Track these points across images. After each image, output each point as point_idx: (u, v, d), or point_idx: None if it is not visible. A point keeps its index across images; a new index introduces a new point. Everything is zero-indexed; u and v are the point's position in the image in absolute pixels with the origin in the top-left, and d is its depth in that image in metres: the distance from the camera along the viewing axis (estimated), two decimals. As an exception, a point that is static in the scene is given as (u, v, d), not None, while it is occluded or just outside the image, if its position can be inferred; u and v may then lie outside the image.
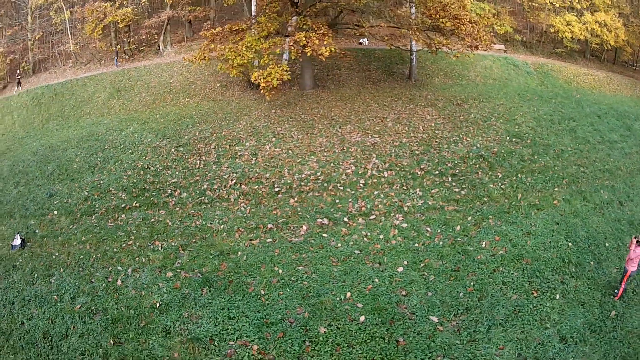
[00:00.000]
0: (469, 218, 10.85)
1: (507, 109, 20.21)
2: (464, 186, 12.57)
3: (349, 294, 7.92)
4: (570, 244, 9.96)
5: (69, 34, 25.58)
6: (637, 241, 7.91)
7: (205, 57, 17.13)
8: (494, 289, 8.35)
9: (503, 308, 7.90)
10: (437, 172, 13.31)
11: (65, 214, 11.35)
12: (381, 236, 9.77)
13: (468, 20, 17.94)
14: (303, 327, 7.23)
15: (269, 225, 10.35)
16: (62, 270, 9.13)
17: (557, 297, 8.29)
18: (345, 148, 15.08)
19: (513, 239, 10.00)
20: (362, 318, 7.38)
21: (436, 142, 15.93)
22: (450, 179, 13.00)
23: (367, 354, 6.72)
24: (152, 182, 12.73)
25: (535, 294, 8.31)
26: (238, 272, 8.67)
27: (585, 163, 14.62)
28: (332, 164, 13.71)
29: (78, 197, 12.01)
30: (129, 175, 13.20)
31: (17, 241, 9.91)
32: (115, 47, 25.34)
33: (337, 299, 7.81)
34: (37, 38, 25.49)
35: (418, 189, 12.12)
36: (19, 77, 25.59)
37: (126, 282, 8.68)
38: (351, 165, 13.67)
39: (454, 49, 18.48)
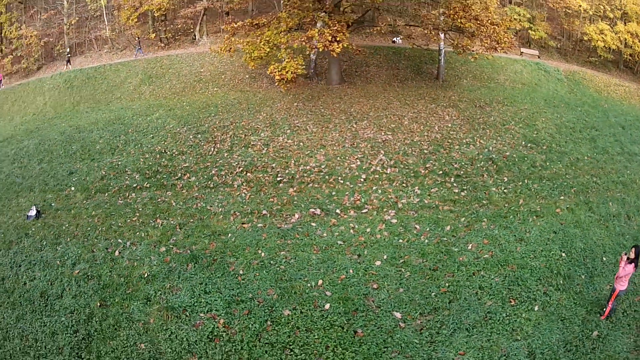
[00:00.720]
0: (462, 219, 10.68)
1: (529, 114, 19.76)
2: (464, 187, 12.39)
3: (320, 282, 8.08)
4: (563, 254, 9.56)
5: (105, 20, 27.14)
6: (628, 258, 7.40)
7: (230, 48, 17.81)
8: (468, 293, 8.15)
9: (474, 313, 7.70)
10: (440, 172, 13.17)
11: (81, 190, 12.20)
12: (368, 230, 9.82)
13: (489, 22, 17.64)
14: (269, 308, 7.48)
15: (264, 212, 10.69)
16: (69, 239, 9.90)
17: (536, 308, 7.94)
18: (355, 143, 15.22)
19: (503, 243, 9.74)
20: (327, 306, 7.52)
21: (448, 142, 15.77)
22: (452, 179, 12.85)
23: (323, 340, 6.88)
24: (165, 166, 13.43)
25: (512, 303, 8.01)
26: (224, 252, 9.07)
27: (599, 173, 14.10)
28: (338, 158, 13.89)
29: (95, 176, 12.88)
30: (146, 158, 13.99)
31: (33, 212, 10.79)
32: (138, 37, 26.50)
33: (309, 285, 8.00)
34: (72, 23, 27.16)
35: (417, 187, 12.04)
36: (68, 55, 27.20)
37: (123, 253, 9.32)
38: (357, 160, 13.78)
39: (473, 50, 18.23)
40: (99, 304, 7.93)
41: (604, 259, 9.80)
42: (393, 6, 19.67)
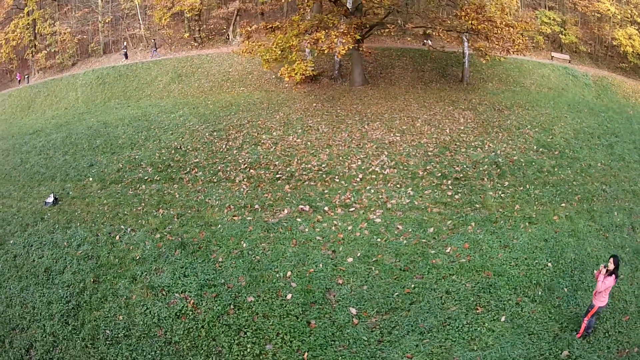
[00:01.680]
0: (449, 222, 10.55)
1: (549, 118, 19.23)
2: (460, 190, 12.24)
3: (289, 273, 8.41)
4: (549, 264, 9.14)
5: (139, 19, 28.97)
6: (607, 270, 6.74)
7: (252, 50, 18.66)
8: (433, 296, 8.05)
9: (433, 317, 7.60)
10: (439, 175, 13.08)
11: (98, 181, 13.27)
12: (349, 227, 10.00)
13: (504, 23, 17.38)
14: (236, 293, 7.94)
15: (256, 206, 11.19)
16: (78, 224, 10.88)
17: (502, 319, 7.61)
18: (361, 144, 15.46)
19: (485, 248, 9.51)
20: (289, 296, 7.84)
21: (456, 145, 15.60)
22: (450, 182, 12.73)
23: (276, 327, 7.22)
24: (177, 161, 14.32)
25: (478, 311, 7.77)
26: (210, 241, 9.66)
27: (610, 181, 13.53)
28: (341, 158, 14.18)
29: (113, 168, 13.95)
30: (162, 153, 14.97)
31: (51, 199, 11.93)
32: (154, 39, 27.98)
33: (277, 275, 8.36)
34: (107, 21, 29.14)
35: (410, 189, 12.04)
36: (124, 49, 29.20)
37: (122, 238, 10.18)
38: (358, 160, 14.00)
39: (485, 53, 18.05)
40: (92, 280, 8.83)
41: (595, 272, 9.07)
42: (421, 10, 19.81)
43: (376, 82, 23.91)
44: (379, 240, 9.67)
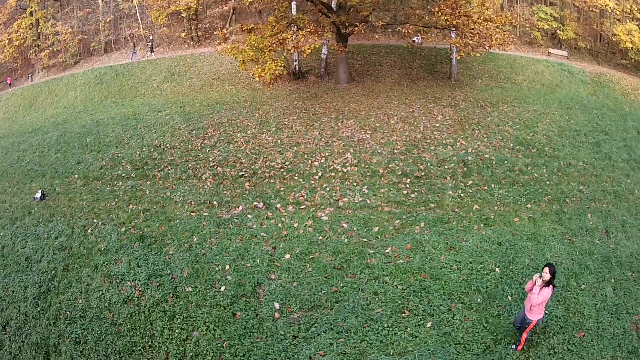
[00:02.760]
0: (397, 221, 10.92)
1: (535, 115, 19.43)
2: (417, 189, 12.65)
3: (227, 267, 9.31)
4: (497, 269, 9.00)
5: (139, 18, 30.44)
6: (543, 281, 6.38)
7: (227, 51, 19.57)
8: (360, 296, 8.32)
9: (354, 317, 7.88)
10: (400, 173, 13.64)
11: (82, 178, 14.53)
12: (295, 225, 10.80)
13: (482, 18, 17.74)
14: (177, 283, 8.93)
15: (214, 202, 12.24)
16: (59, 218, 12.20)
17: (428, 325, 7.66)
18: (330, 142, 16.32)
19: (428, 250, 9.69)
20: (222, 288, 8.73)
21: (426, 142, 16.08)
22: (409, 180, 13.21)
23: (204, 316, 8.15)
24: (154, 159, 15.56)
25: (404, 314, 7.95)
26: (166, 235, 10.74)
27: (589, 181, 13.36)
28: (306, 156, 15.06)
29: (96, 166, 15.24)
30: (142, 151, 16.26)
31: (38, 195, 13.26)
32: (133, 41, 29.39)
33: (217, 268, 9.29)
34: (107, 21, 30.72)
35: (366, 187, 12.72)
36: (151, 43, 30.62)
37: (93, 231, 11.47)
38: (322, 158, 14.81)
39: (460, 49, 18.46)
40: (62, 268, 10.14)
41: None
42: (401, 7, 20.41)
43: (362, 79, 24.66)
44: (320, 238, 10.34)
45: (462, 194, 12.54)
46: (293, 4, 22.75)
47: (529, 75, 25.36)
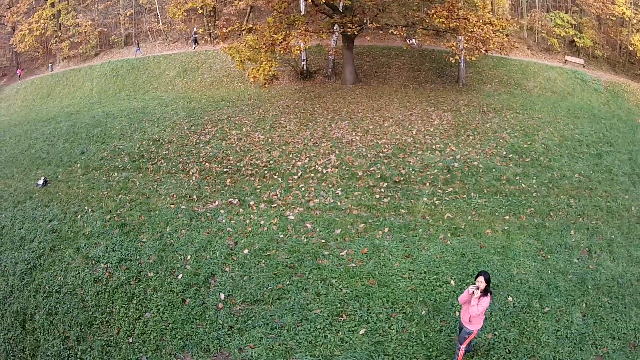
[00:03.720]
0: (361, 225, 11.15)
1: (538, 122, 19.40)
2: (392, 194, 12.93)
3: (189, 257, 10.18)
4: (452, 282, 8.96)
5: (158, 13, 32.09)
6: (480, 290, 6.28)
7: (225, 51, 20.57)
8: (302, 296, 8.72)
9: (291, 315, 8.23)
10: (379, 177, 14.06)
11: (83, 167, 15.92)
12: (262, 222, 11.50)
13: (482, 21, 17.90)
14: (142, 268, 9.91)
15: (194, 196, 13.22)
16: (56, 203, 13.57)
17: (362, 332, 7.81)
18: (318, 142, 17.04)
19: (384, 256, 9.86)
20: (180, 276, 9.63)
21: (415, 147, 16.39)
22: (386, 184, 13.57)
23: (158, 299, 9.04)
24: (151, 152, 16.86)
25: (341, 318, 8.21)
26: (144, 224, 11.75)
27: (582, 195, 12.98)
28: (291, 155, 15.79)
29: (98, 156, 16.65)
30: (141, 144, 17.64)
31: (41, 181, 14.65)
32: (136, 39, 30.83)
33: (180, 258, 10.19)
34: (127, 15, 32.47)
35: (340, 189, 13.26)
36: (195, 35, 32.22)
37: (82, 217, 12.75)
38: (307, 158, 15.48)
39: (455, 52, 18.68)
40: (49, 249, 11.48)
41: (509, 298, 8.58)
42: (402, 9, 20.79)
43: (369, 80, 25.22)
44: (281, 236, 10.96)
45: (437, 201, 12.63)
46: (302, 6, 23.59)
47: (540, 81, 25.19)
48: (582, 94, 24.77)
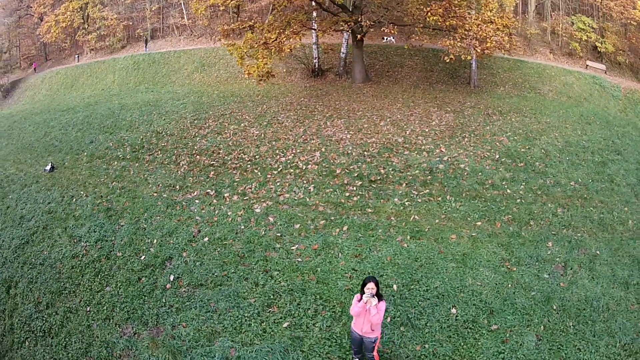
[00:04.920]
0: (322, 222, 11.57)
1: (544, 127, 19.23)
2: (362, 193, 13.30)
3: (155, 241, 11.32)
4: (394, 287, 8.96)
5: (183, 9, 34.02)
6: (373, 295, 6.30)
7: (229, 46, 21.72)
8: (242, 284, 9.38)
9: (226, 301, 9.00)
10: (356, 175, 14.61)
11: (89, 156, 17.77)
12: (229, 213, 12.42)
13: (482, 19, 17.92)
14: (114, 248, 11.19)
15: (177, 186, 14.46)
16: (58, 188, 15.28)
17: (285, 325, 8.12)
18: (308, 139, 17.86)
19: (333, 254, 10.18)
20: (143, 257, 10.81)
21: (403, 147, 16.72)
22: (361, 183, 14.02)
23: (120, 277, 10.23)
24: (151, 143, 18.49)
25: (271, 310, 8.65)
26: (126, 209, 13.08)
27: (573, 205, 12.41)
28: (277, 151, 16.63)
29: (104, 146, 18.54)
30: (145, 136, 19.32)
31: (48, 167, 16.49)
32: (145, 34, 32.39)
33: (147, 241, 11.36)
34: (152, 9, 34.51)
35: (314, 185, 13.99)
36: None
37: (77, 201, 14.42)
38: (291, 154, 16.26)
39: (450, 51, 18.77)
40: (43, 227, 13.26)
41: (453, 310, 8.30)
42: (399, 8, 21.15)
43: (380, 79, 25.73)
44: (242, 227, 11.79)
45: (407, 203, 12.69)
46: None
47: (556, 86, 24.72)
48: (599, 100, 24.06)
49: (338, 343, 7.83)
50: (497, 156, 16.15)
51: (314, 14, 24.02)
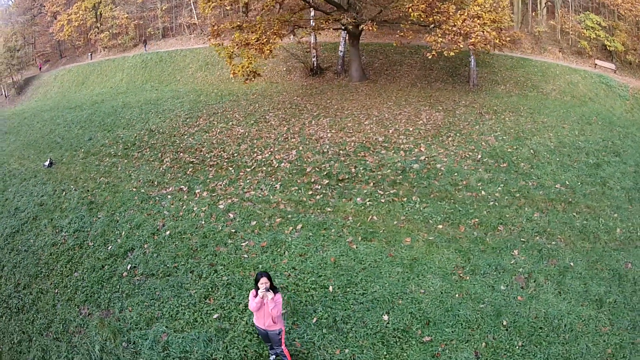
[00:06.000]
0: (278, 219, 12.35)
1: (539, 127, 19.44)
2: (326, 192, 13.97)
3: (123, 233, 12.82)
4: (330, 288, 9.26)
5: (193, 8, 35.92)
6: (267, 289, 6.72)
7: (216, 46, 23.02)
8: (187, 276, 10.44)
9: (169, 290, 9.94)
10: (325, 174, 15.48)
11: (85, 152, 19.81)
12: (194, 209, 13.73)
13: (467, 14, 18.31)
14: (88, 238, 12.74)
15: (155, 182, 16.01)
16: (52, 182, 17.39)
17: (215, 316, 8.79)
18: (289, 137, 19.08)
19: (279, 251, 10.84)
20: (109, 247, 12.27)
21: (382, 146, 17.31)
22: (327, 182, 14.80)
23: (87, 264, 11.65)
24: (142, 141, 20.30)
25: (207, 301, 9.45)
26: (106, 202, 14.69)
27: (553, 209, 11.94)
28: (256, 149, 17.94)
29: (100, 143, 20.58)
30: (139, 134, 21.22)
31: (47, 163, 18.61)
32: (144, 36, 33.97)
33: (117, 232, 12.87)
34: (163, 9, 36.58)
35: (280, 183, 15.09)
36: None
37: (67, 194, 16.34)
38: (268, 152, 17.44)
39: (432, 48, 19.20)
40: (32, 218, 15.31)
41: (385, 317, 8.35)
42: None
43: (378, 78, 26.59)
44: (203, 222, 13.02)
45: (369, 203, 13.01)
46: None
47: (560, 85, 24.75)
48: (605, 100, 23.90)
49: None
50: (480, 156, 16.21)
51: (312, 13, 25.12)
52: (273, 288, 6.90)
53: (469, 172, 15.22)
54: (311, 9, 25.03)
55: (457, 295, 8.66)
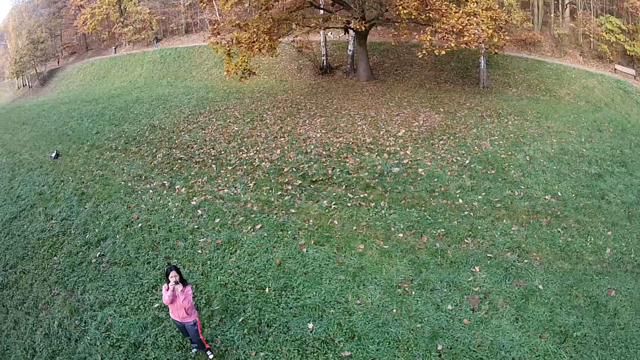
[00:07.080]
0: (241, 218, 13.44)
1: (541, 132, 19.59)
2: (294, 193, 14.81)
3: (102, 223, 14.50)
4: (266, 290, 9.92)
5: (214, 4, 37.84)
6: (177, 282, 7.61)
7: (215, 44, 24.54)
8: (143, 267, 11.82)
9: (125, 278, 11.35)
10: (301, 174, 16.54)
11: (89, 145, 22.19)
12: (170, 204, 15.21)
13: (462, 12, 18.74)
14: (71, 226, 14.63)
15: (143, 176, 17.90)
16: (55, 172, 19.84)
17: (155, 306, 9.97)
18: (278, 137, 20.40)
19: (230, 250, 11.85)
20: (87, 236, 13.96)
21: (367, 148, 18.10)
22: (300, 183, 15.69)
23: (65, 249, 13.37)
24: (142, 136, 22.28)
25: (152, 291, 10.69)
26: (95, 194, 16.81)
27: (535, 223, 11.55)
28: (243, 147, 19.37)
29: (105, 137, 22.89)
30: (142, 129, 23.30)
31: (54, 154, 21.11)
32: (155, 34, 35.72)
33: (97, 223, 14.58)
34: (185, 5, 38.81)
35: (253, 183, 16.26)
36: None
37: (64, 184, 18.70)
38: (254, 151, 18.79)
39: (424, 47, 19.71)
40: (30, 206, 17.71)
41: (310, 325, 8.70)
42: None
43: (386, 77, 27.38)
44: (172, 217, 14.51)
45: (334, 206, 13.51)
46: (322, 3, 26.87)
47: (575, 89, 24.52)
48: (621, 106, 23.42)
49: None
50: (468, 161, 16.37)
51: (321, 12, 26.33)
52: (182, 281, 7.70)
53: (450, 178, 15.46)
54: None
55: (394, 310, 8.39)
